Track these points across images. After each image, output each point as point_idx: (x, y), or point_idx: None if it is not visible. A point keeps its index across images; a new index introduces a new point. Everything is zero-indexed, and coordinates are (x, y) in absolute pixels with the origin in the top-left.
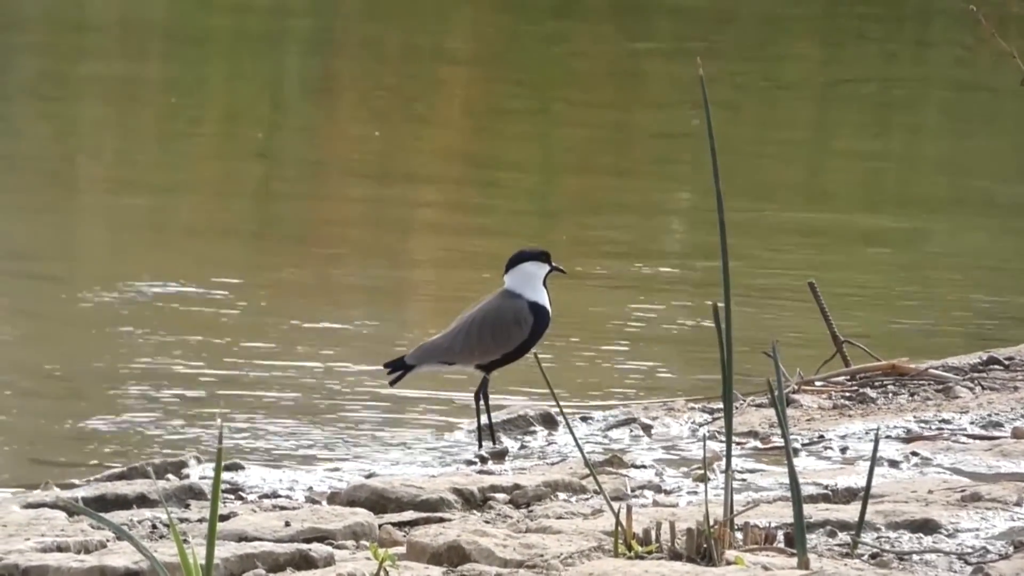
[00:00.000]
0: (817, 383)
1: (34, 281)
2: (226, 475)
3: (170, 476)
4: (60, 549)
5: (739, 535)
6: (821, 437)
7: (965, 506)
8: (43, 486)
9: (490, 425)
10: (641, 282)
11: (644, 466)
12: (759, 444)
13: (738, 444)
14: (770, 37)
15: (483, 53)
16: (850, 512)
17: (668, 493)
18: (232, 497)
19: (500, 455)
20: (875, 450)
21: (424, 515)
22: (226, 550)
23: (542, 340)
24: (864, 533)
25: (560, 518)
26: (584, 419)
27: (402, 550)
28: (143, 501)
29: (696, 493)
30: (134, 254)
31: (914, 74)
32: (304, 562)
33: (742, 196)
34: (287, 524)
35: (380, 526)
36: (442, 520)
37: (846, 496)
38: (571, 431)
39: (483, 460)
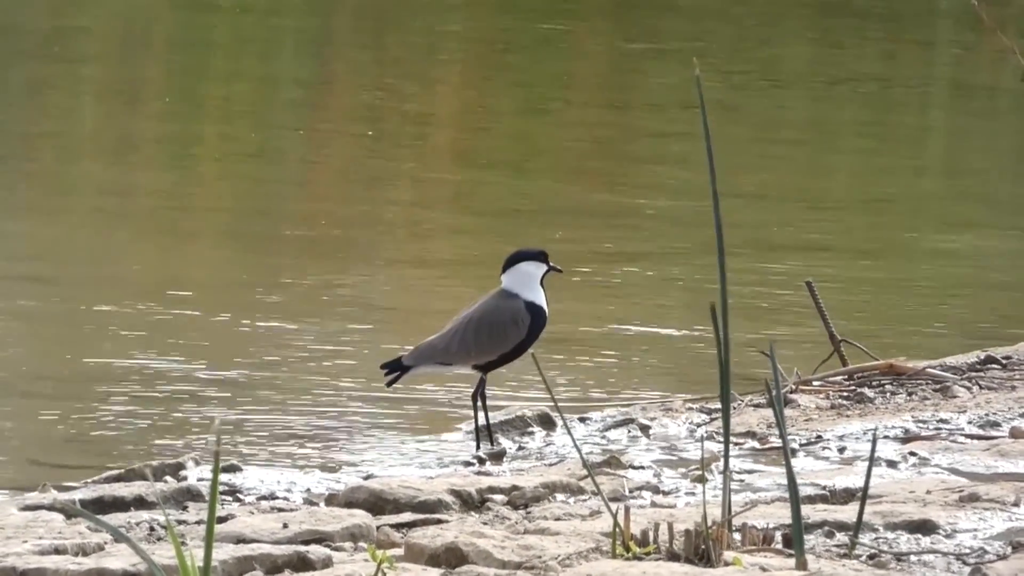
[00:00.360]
0: (815, 383)
1: (31, 283)
2: (224, 477)
3: (168, 478)
4: (58, 551)
5: (737, 536)
6: (819, 437)
7: (963, 506)
8: (41, 488)
9: (488, 426)
10: (639, 282)
11: (642, 467)
12: (757, 444)
13: (736, 445)
14: (768, 36)
15: (479, 53)
16: (848, 513)
17: (666, 494)
18: (230, 499)
19: (498, 456)
20: (873, 450)
21: (422, 516)
22: (224, 552)
23: (539, 340)
24: (862, 534)
25: (558, 519)
26: (582, 420)
27: (400, 552)
28: (141, 503)
29: (694, 494)
30: (130, 256)
31: (913, 73)
32: (302, 564)
33: (739, 195)
34: (285, 526)
35: (378, 528)
36: (440, 521)
37: (844, 496)
38: (569, 432)
39: (481, 461)
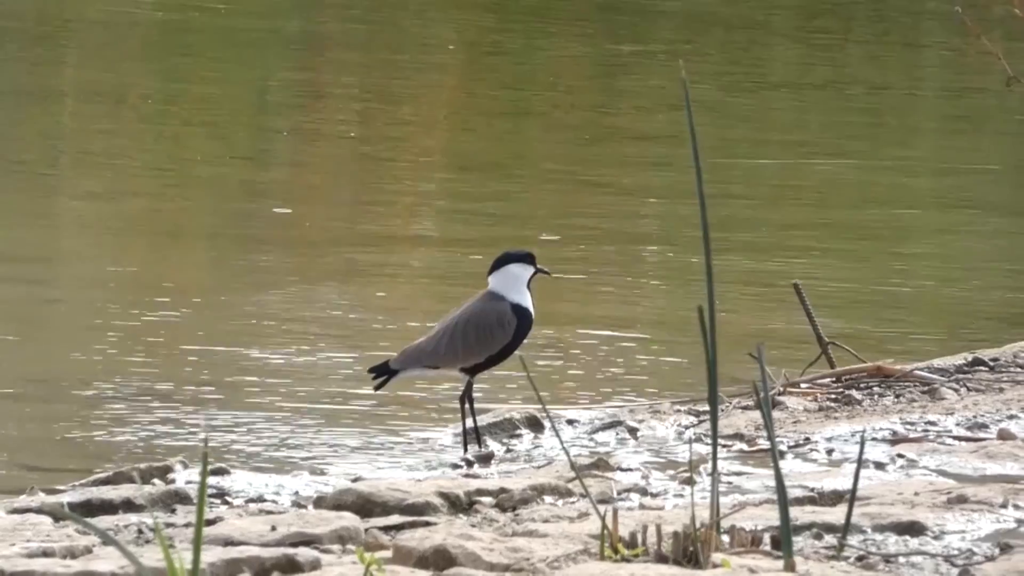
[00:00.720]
0: (802, 385)
1: (19, 285)
2: (212, 479)
3: (156, 481)
4: (46, 554)
5: (725, 538)
6: (807, 439)
7: (951, 508)
8: (28, 491)
9: (475, 428)
10: (625, 284)
11: (630, 469)
12: (745, 446)
13: (724, 446)
14: (755, 39)
15: (466, 55)
16: (836, 514)
17: (654, 496)
18: (218, 502)
19: (486, 458)
20: (861, 452)
21: (410, 519)
22: (212, 555)
23: (526, 342)
24: (850, 535)
25: (546, 521)
26: (570, 422)
27: (388, 554)
28: (129, 506)
29: (682, 496)
30: (120, 258)
31: (900, 76)
32: (290, 566)
33: (726, 197)
34: (273, 528)
35: (366, 530)
36: (428, 524)
37: (832, 498)
38: (557, 434)
39: (469, 464)
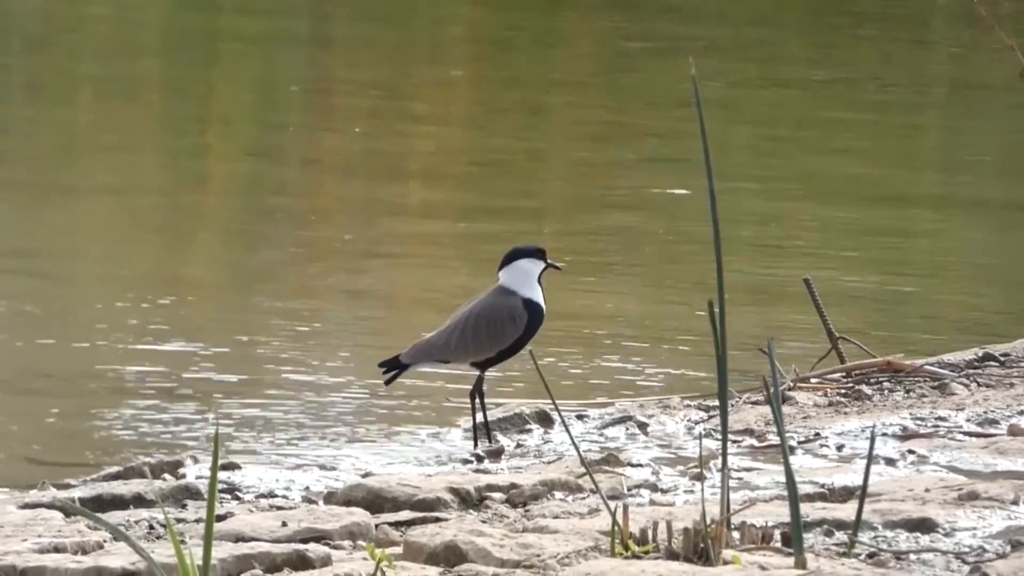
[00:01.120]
0: (813, 380)
1: (31, 280)
2: (223, 475)
3: (167, 476)
4: (57, 550)
5: (736, 534)
6: (817, 435)
7: (962, 504)
8: (40, 486)
9: (486, 423)
10: (636, 279)
11: (640, 465)
12: (755, 442)
13: (734, 442)
14: (765, 36)
15: (477, 51)
16: (847, 511)
17: (664, 492)
18: (229, 497)
19: (496, 454)
20: (871, 448)
21: (421, 515)
22: (223, 550)
23: (536, 337)
24: (861, 532)
25: (557, 517)
26: (580, 417)
27: (399, 550)
28: (140, 501)
29: (692, 492)
30: (129, 253)
31: (909, 72)
32: (301, 562)
33: (737, 194)
34: (284, 524)
35: (377, 526)
36: (439, 520)
37: (843, 495)
38: (567, 429)
39: (479, 459)
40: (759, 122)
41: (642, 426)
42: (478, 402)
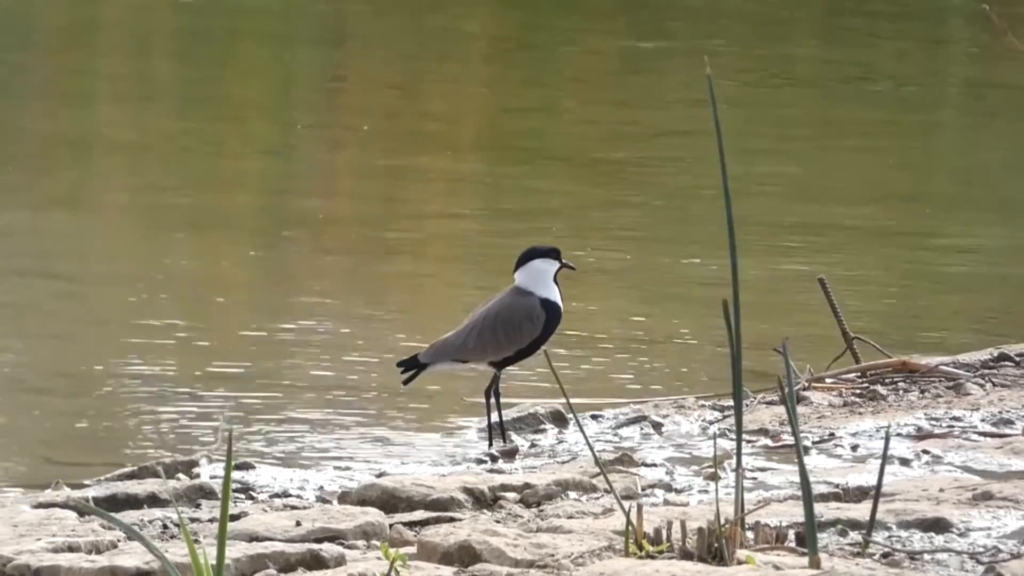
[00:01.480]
0: (827, 380)
1: (45, 280)
2: (237, 475)
3: (181, 476)
4: (71, 549)
5: (750, 534)
6: (832, 435)
7: (976, 505)
8: (54, 486)
9: (500, 423)
10: (650, 279)
11: (655, 464)
12: (769, 442)
13: (748, 442)
14: (780, 35)
15: (491, 51)
16: (861, 511)
17: (679, 492)
18: (243, 497)
19: (510, 454)
20: (886, 448)
21: (435, 515)
22: (237, 550)
23: (551, 337)
24: (875, 532)
25: (571, 517)
26: (594, 417)
27: (413, 550)
28: (154, 501)
29: (707, 492)
30: (145, 252)
31: (925, 72)
32: (315, 562)
33: (752, 193)
34: (298, 524)
35: (391, 526)
36: (452, 519)
37: (857, 495)
38: (581, 429)
39: (493, 459)
40: (774, 121)
41: (656, 426)
42: (493, 401)
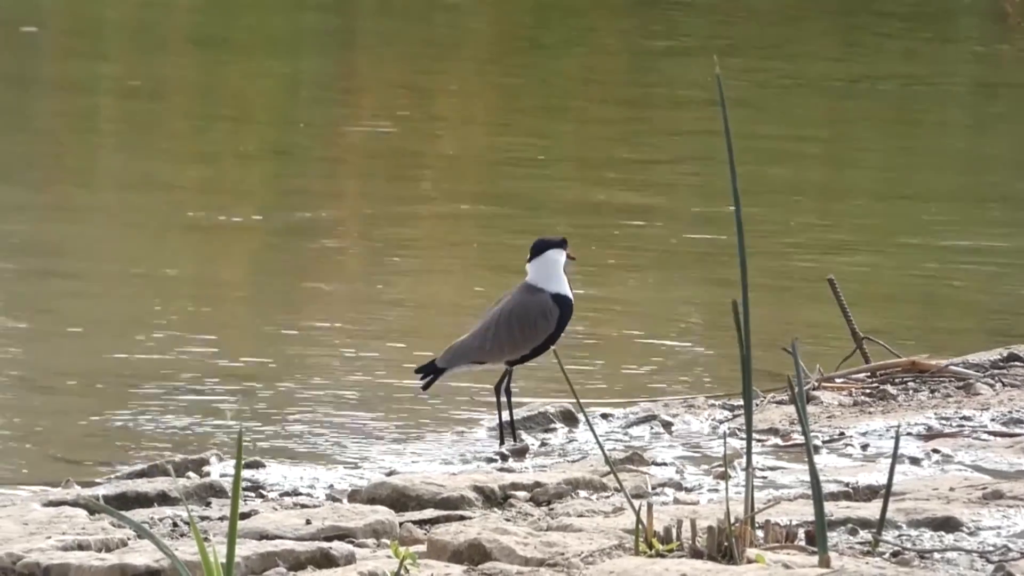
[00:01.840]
0: (837, 380)
1: (55, 279)
2: (247, 473)
3: (191, 474)
4: (81, 547)
5: (760, 533)
6: (842, 434)
7: (986, 504)
8: (64, 484)
9: (511, 422)
10: (662, 278)
11: (665, 464)
12: (779, 441)
13: (758, 441)
14: (790, 35)
15: (501, 50)
16: (871, 510)
17: (689, 491)
18: (253, 495)
19: (521, 452)
20: (896, 447)
21: (445, 513)
22: (247, 548)
23: (564, 334)
24: (885, 531)
25: (581, 516)
26: (604, 416)
27: (423, 548)
28: (164, 499)
29: (717, 491)
30: (154, 252)
31: (934, 71)
32: (325, 560)
33: (761, 193)
34: (308, 522)
35: (401, 524)
36: (463, 518)
37: (867, 494)
38: (591, 428)
39: (504, 458)
40: (784, 121)
41: (667, 425)
42: (504, 399)
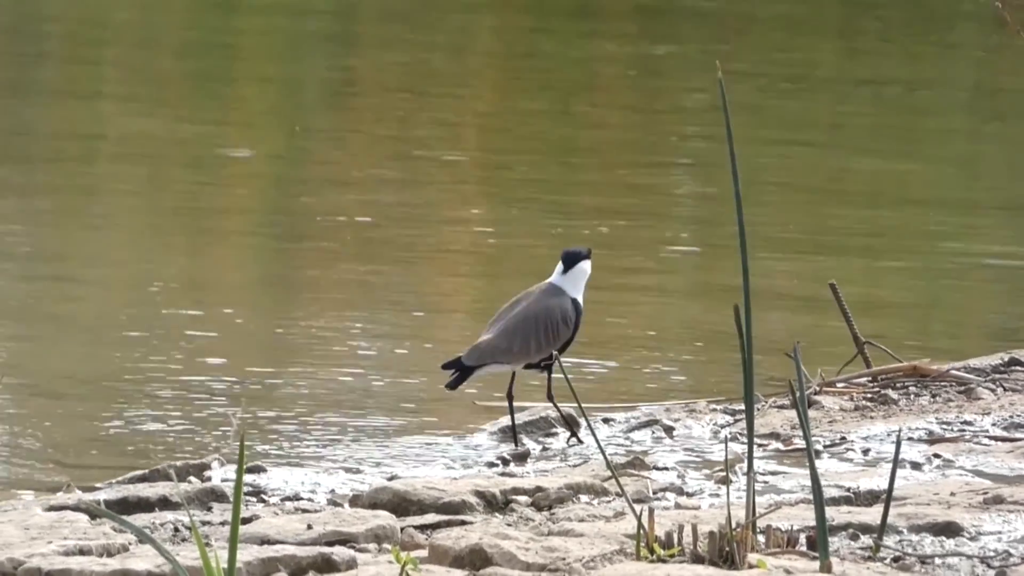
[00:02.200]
0: (839, 384)
1: (56, 283)
2: (248, 477)
3: (192, 479)
4: (82, 552)
5: (761, 538)
6: (843, 439)
7: (987, 509)
8: (65, 489)
9: (513, 431)
10: (662, 283)
11: (666, 468)
12: (781, 446)
13: (760, 446)
14: (791, 39)
15: (504, 55)
16: (872, 515)
17: (690, 495)
18: (254, 500)
19: (522, 457)
20: (897, 452)
21: (446, 518)
22: (248, 553)
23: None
24: (886, 536)
25: (582, 521)
26: (606, 421)
27: (424, 553)
28: (165, 504)
29: (718, 495)
30: (155, 256)
31: (936, 76)
32: (326, 565)
33: (763, 197)
34: (309, 527)
35: (402, 529)
36: (464, 523)
37: (868, 498)
38: (593, 433)
39: (505, 462)
40: (786, 126)
41: (668, 430)
42: (510, 402)
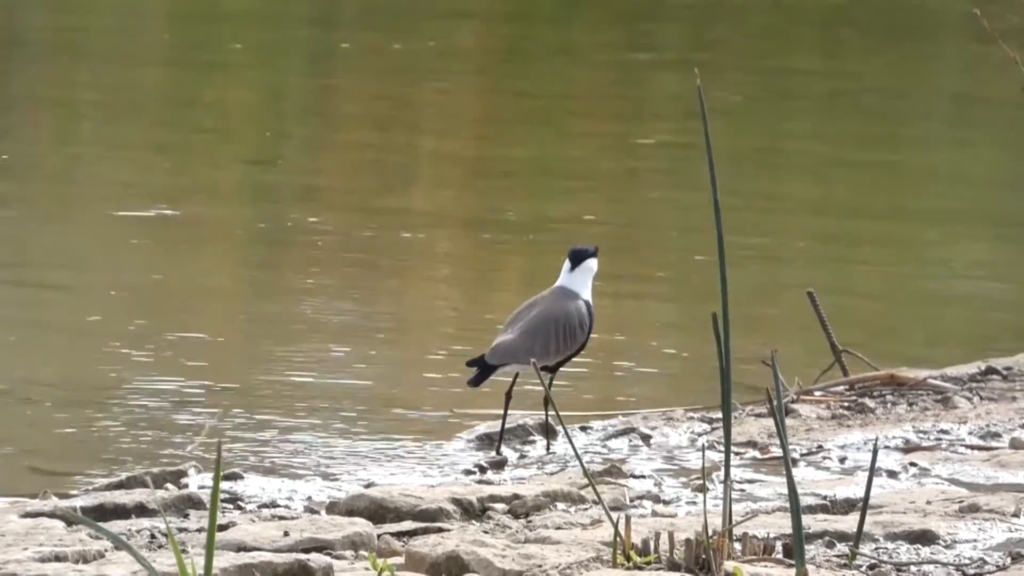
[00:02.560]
0: (816, 393)
1: (33, 289)
2: (225, 485)
3: (169, 486)
4: (58, 559)
5: (738, 546)
6: (820, 447)
7: (963, 517)
8: (41, 495)
9: (501, 431)
10: (641, 291)
11: (643, 476)
12: (758, 454)
13: (737, 454)
14: (772, 48)
15: (485, 63)
16: (849, 523)
17: (667, 503)
18: (231, 507)
19: (499, 465)
20: (873, 461)
21: (423, 525)
22: (225, 560)
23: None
24: (862, 544)
25: (559, 528)
26: (583, 429)
27: (401, 560)
28: (142, 511)
29: (695, 503)
30: (133, 263)
31: (916, 84)
32: (303, 572)
33: (743, 206)
34: (286, 534)
35: (379, 536)
36: (441, 530)
37: (845, 507)
38: (570, 441)
39: (482, 470)
40: (765, 134)
41: (645, 438)
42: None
